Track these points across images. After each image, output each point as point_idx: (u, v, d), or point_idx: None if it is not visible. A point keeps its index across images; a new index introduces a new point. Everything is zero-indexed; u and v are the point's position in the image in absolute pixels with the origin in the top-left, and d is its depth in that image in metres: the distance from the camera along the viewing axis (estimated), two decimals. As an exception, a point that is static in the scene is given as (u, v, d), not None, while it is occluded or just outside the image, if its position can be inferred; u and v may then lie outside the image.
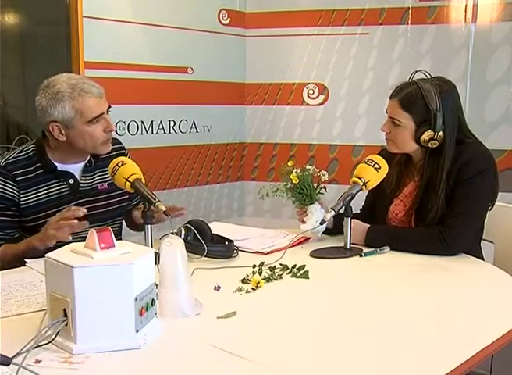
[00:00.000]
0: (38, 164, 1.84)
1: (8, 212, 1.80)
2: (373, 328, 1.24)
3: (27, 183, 1.81)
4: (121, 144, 2.06)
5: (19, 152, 1.86)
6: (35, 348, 1.05)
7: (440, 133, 1.80)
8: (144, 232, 1.66)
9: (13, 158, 1.84)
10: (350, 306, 1.39)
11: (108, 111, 1.83)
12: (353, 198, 1.78)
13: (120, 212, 2.01)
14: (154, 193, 1.69)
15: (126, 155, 1.98)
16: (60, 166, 1.86)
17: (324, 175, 1.89)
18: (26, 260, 1.69)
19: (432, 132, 1.80)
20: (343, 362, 1.08)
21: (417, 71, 1.88)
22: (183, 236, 1.71)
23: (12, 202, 1.79)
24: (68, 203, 1.84)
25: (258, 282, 1.48)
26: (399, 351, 1.13)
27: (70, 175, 1.87)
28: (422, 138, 1.82)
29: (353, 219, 1.84)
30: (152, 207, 1.63)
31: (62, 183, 1.86)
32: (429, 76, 1.85)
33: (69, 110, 1.75)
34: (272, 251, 1.81)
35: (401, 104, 1.84)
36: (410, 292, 1.49)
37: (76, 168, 1.89)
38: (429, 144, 1.82)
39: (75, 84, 1.76)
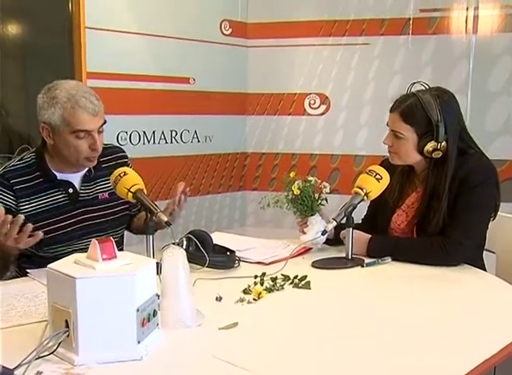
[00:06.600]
0: (38, 173, 1.82)
1: None
2: (375, 338, 1.24)
3: (26, 191, 1.79)
4: (124, 152, 2.04)
5: (19, 160, 1.84)
6: (37, 359, 1.04)
7: (443, 143, 1.81)
8: (145, 240, 1.66)
9: (12, 166, 1.82)
10: (352, 317, 1.38)
11: (102, 125, 1.79)
12: (354, 208, 1.78)
13: (121, 222, 1.99)
14: (156, 203, 1.69)
15: (128, 165, 1.97)
16: (60, 175, 1.84)
17: (326, 187, 1.89)
18: (28, 271, 1.69)
19: (435, 142, 1.80)
20: (345, 373, 1.08)
21: (414, 82, 1.88)
22: (184, 246, 1.71)
23: (7, 211, 1.68)
24: (67, 213, 1.84)
25: (260, 292, 1.48)
26: (401, 362, 1.13)
27: (69, 184, 1.85)
28: (426, 149, 1.82)
29: (354, 230, 1.84)
30: (154, 217, 1.63)
31: (61, 192, 1.84)
32: (427, 87, 1.86)
33: (58, 117, 1.73)
34: (273, 262, 1.80)
35: (402, 116, 1.84)
36: (411, 303, 1.49)
37: (75, 177, 1.87)
38: (433, 155, 1.82)
39: (73, 95, 1.73)
